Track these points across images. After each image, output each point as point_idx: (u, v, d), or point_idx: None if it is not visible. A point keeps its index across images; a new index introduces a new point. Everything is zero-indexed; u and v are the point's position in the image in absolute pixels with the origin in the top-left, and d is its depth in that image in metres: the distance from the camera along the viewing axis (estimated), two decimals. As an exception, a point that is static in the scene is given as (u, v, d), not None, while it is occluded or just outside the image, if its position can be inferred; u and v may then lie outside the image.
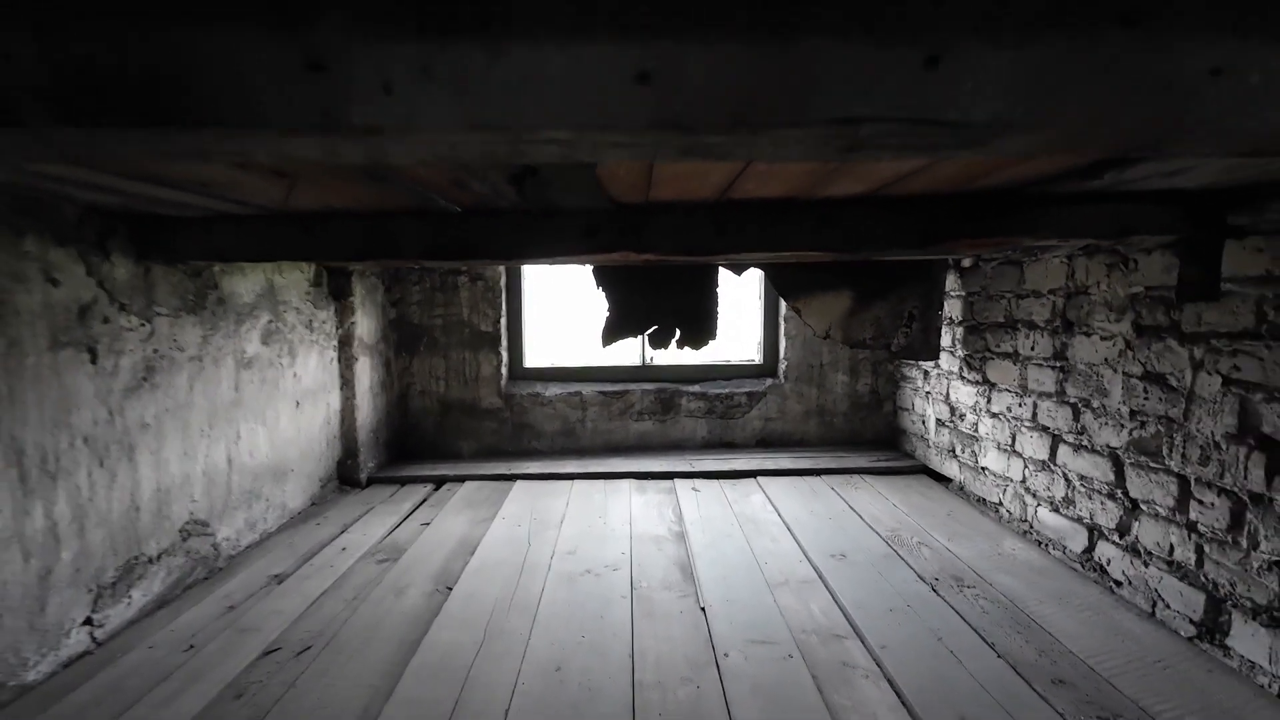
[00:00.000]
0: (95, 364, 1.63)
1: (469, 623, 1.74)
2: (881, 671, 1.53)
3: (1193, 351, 1.63)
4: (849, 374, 3.54)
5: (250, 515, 2.30)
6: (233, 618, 1.79)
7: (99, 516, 1.64)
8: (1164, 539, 1.73)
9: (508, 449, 3.47)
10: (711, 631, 1.71)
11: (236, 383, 2.20)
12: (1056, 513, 2.16)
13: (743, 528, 2.45)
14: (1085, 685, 1.47)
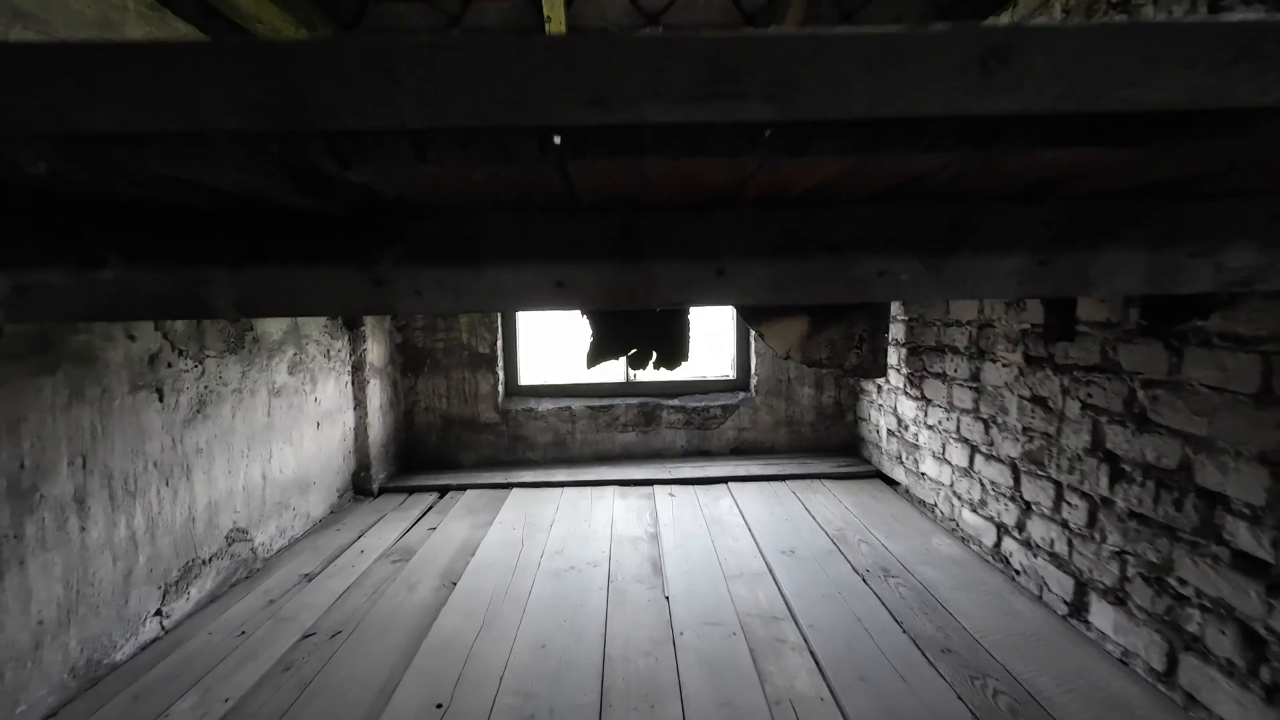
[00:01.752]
0: (162, 401, 1.98)
1: (470, 612, 2.09)
2: (806, 645, 1.88)
3: (1062, 380, 1.99)
4: (814, 387, 3.89)
5: (281, 523, 2.65)
6: (273, 609, 2.15)
7: (165, 526, 2.00)
8: (1047, 534, 2.08)
9: (504, 459, 3.82)
10: (672, 616, 2.06)
11: (269, 409, 2.56)
12: (974, 513, 2.51)
13: (710, 529, 2.81)
14: (968, 654, 1.82)
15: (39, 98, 0.50)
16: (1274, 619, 1.34)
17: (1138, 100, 0.52)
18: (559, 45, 0.51)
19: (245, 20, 2.41)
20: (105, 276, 0.77)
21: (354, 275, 0.78)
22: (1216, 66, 0.52)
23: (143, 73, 0.50)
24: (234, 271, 0.77)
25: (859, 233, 0.79)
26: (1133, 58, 0.52)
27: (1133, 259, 0.81)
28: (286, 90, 0.50)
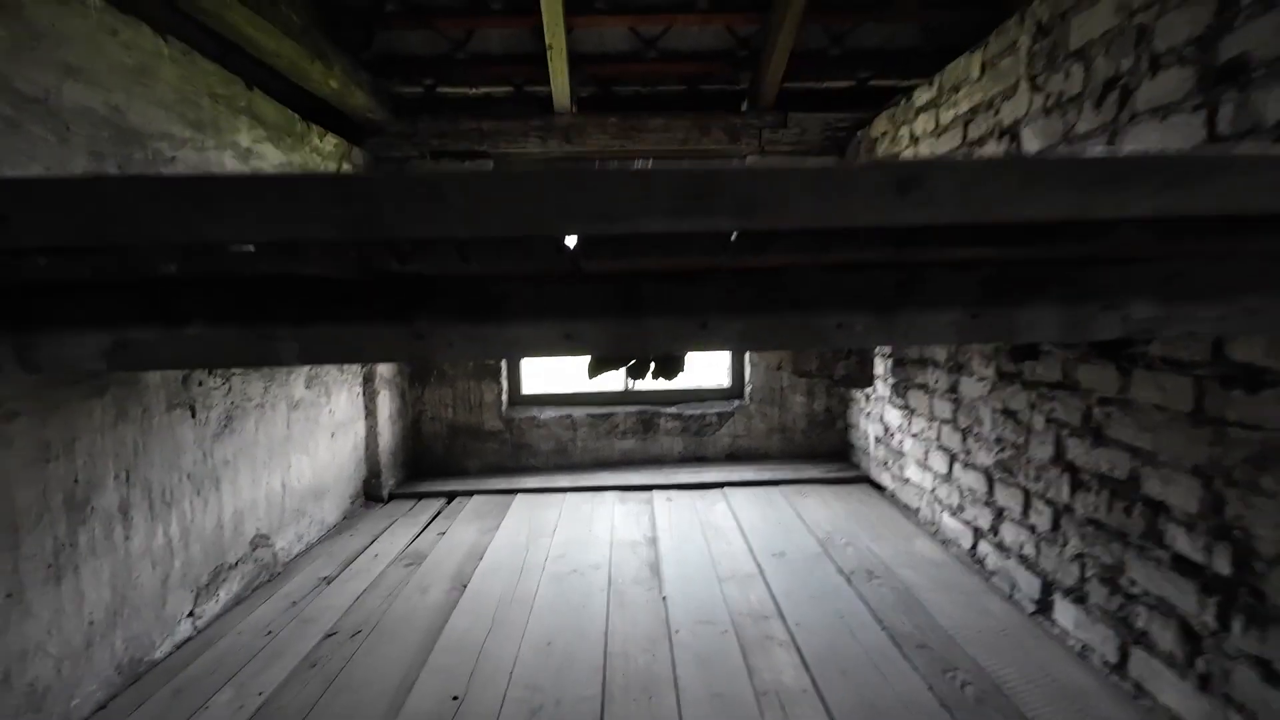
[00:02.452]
0: (194, 418, 2.13)
1: (480, 613, 2.25)
2: (793, 642, 2.04)
3: (1030, 396, 2.14)
4: (806, 395, 4.05)
5: (298, 529, 2.80)
6: (296, 610, 2.30)
7: (197, 534, 2.15)
8: (1017, 538, 2.23)
9: (508, 466, 3.97)
10: (668, 616, 2.22)
11: (288, 421, 2.71)
12: (954, 517, 2.67)
13: (705, 533, 2.96)
14: (942, 649, 1.98)
15: (174, 219, 0.65)
16: (1207, 615, 1.49)
17: (1018, 215, 0.68)
18: (573, 175, 0.66)
19: (264, 55, 2.57)
20: (190, 333, 0.92)
21: (398, 330, 0.93)
22: (1078, 188, 0.67)
23: (258, 199, 0.65)
24: (298, 328, 0.92)
25: (819, 294, 0.94)
26: (1013, 183, 0.67)
27: (1052, 312, 0.97)
28: (365, 212, 0.66)
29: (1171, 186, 0.68)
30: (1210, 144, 1.45)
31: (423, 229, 0.67)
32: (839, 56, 3.66)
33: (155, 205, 0.65)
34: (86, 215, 0.65)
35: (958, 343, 1.09)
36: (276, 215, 0.66)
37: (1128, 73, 1.68)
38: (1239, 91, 1.38)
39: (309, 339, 0.92)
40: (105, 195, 0.65)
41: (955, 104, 2.55)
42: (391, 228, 0.66)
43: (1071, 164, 0.67)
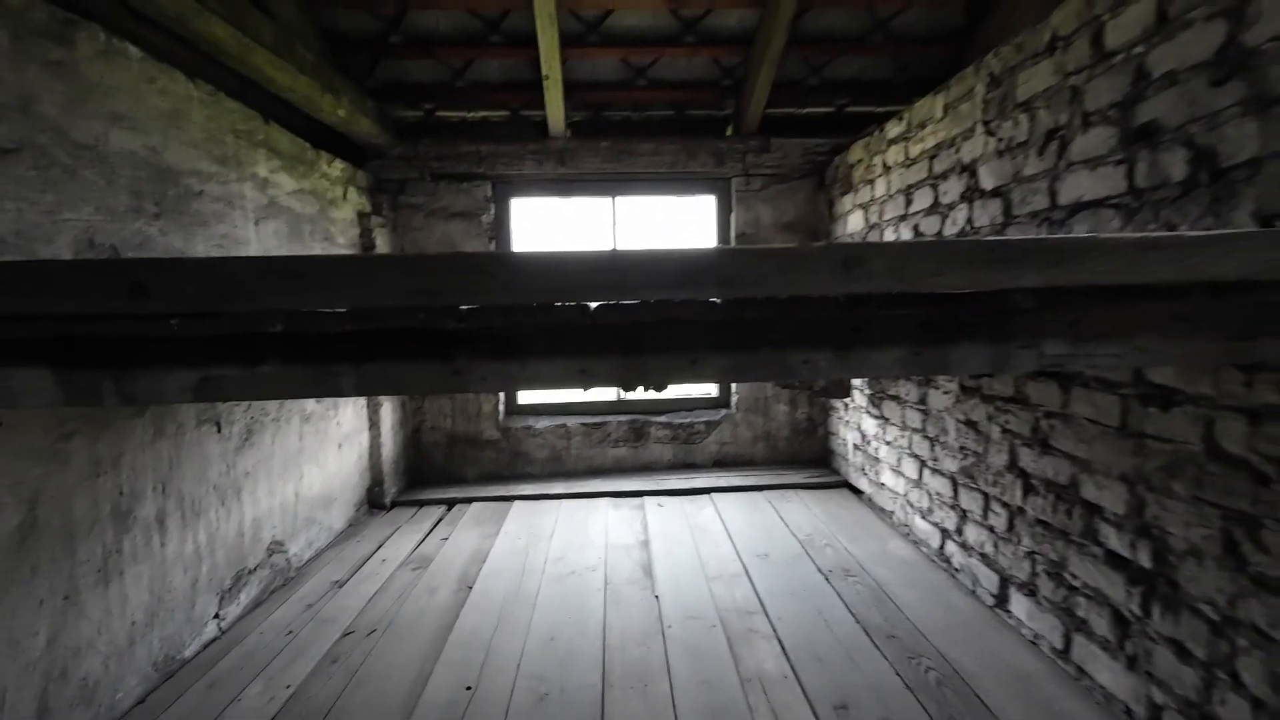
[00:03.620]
0: (220, 433, 2.29)
1: (487, 611, 2.42)
2: (775, 634, 2.23)
3: (988, 408, 2.36)
4: (790, 405, 4.26)
5: (309, 536, 2.96)
6: (313, 612, 2.45)
7: (221, 541, 2.30)
8: (978, 537, 2.45)
9: (505, 474, 4.14)
10: (661, 612, 2.40)
11: (300, 434, 2.87)
12: (924, 519, 2.88)
13: (694, 536, 3.15)
14: (909, 639, 2.18)
15: (280, 292, 0.84)
16: (1133, 604, 1.71)
17: (938, 286, 0.88)
18: (595, 259, 0.86)
19: (281, 90, 2.74)
20: (265, 371, 1.10)
21: (439, 368, 1.12)
22: (982, 266, 0.88)
23: (345, 276, 0.84)
24: (356, 366, 1.10)
25: (788, 336, 1.14)
26: (932, 262, 0.87)
27: (980, 350, 1.17)
28: (424, 285, 0.85)
29: (1053, 265, 0.88)
30: (1128, 193, 1.67)
31: (472, 299, 0.86)
32: (818, 85, 3.89)
33: (265, 281, 0.84)
34: (212, 288, 0.83)
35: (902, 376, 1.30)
36: (357, 288, 0.84)
37: (1065, 126, 1.90)
38: (1151, 151, 1.60)
39: (365, 375, 1.10)
40: (228, 273, 0.83)
41: (922, 139, 2.77)
42: (447, 297, 0.85)
43: (978, 246, 0.88)
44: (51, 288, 0.82)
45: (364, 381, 1.11)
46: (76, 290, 0.81)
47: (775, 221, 4.15)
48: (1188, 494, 1.53)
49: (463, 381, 1.13)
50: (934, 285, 0.88)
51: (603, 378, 1.14)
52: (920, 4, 3.32)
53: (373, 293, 0.84)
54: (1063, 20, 1.90)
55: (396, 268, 0.84)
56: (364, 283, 0.83)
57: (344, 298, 0.84)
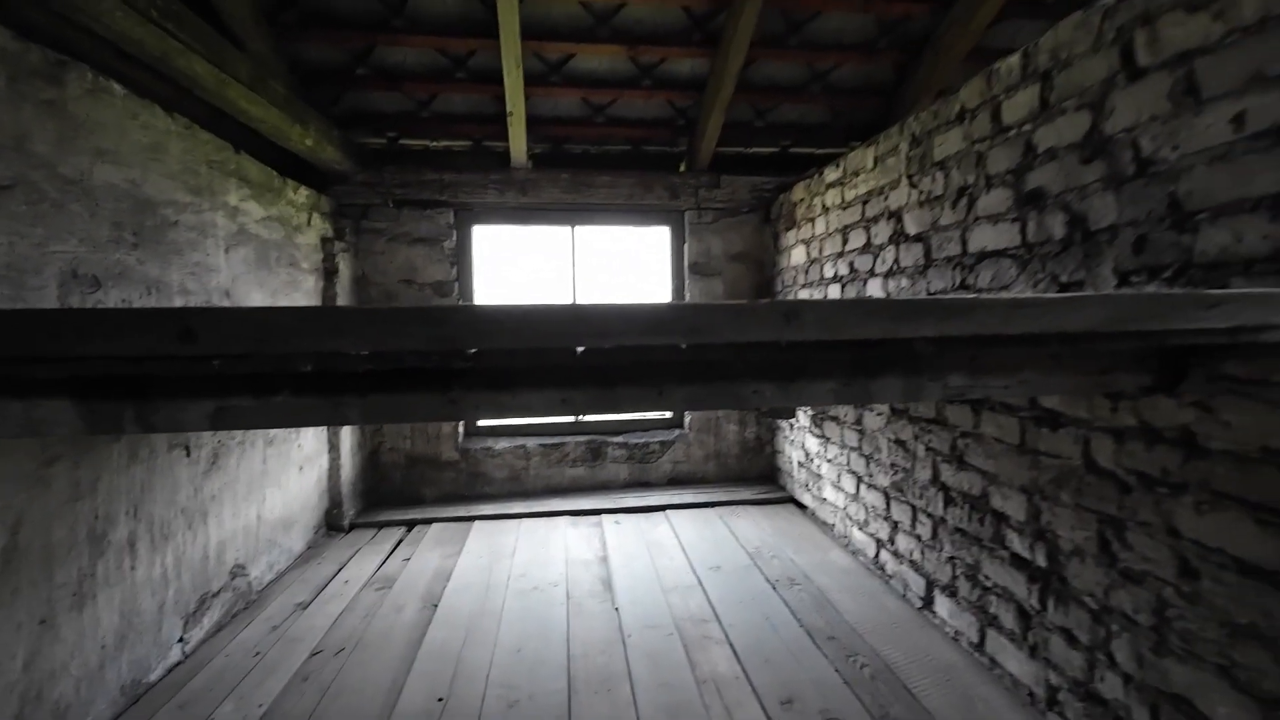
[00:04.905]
0: (189, 457, 2.33)
1: (454, 626, 2.52)
2: (727, 639, 2.42)
3: (914, 429, 2.64)
4: (739, 425, 4.50)
5: (270, 558, 2.98)
6: (279, 633, 2.49)
7: (188, 564, 2.33)
8: (908, 546, 2.71)
9: (465, 494, 4.21)
10: (621, 623, 2.55)
11: (264, 457, 2.90)
12: (861, 531, 3.14)
13: (650, 551, 3.32)
14: (847, 640, 2.40)
15: (310, 337, 0.98)
16: (1033, 599, 1.98)
17: (858, 334, 1.10)
18: (581, 312, 1.04)
19: (253, 122, 2.82)
20: (278, 401, 1.23)
21: (437, 398, 1.26)
22: (892, 320, 1.10)
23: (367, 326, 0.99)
24: (362, 397, 1.24)
25: (742, 371, 1.34)
26: (855, 316, 1.09)
27: (895, 383, 1.41)
28: (442, 332, 1.01)
29: (946, 319, 1.12)
30: (1022, 246, 1.97)
31: (481, 343, 1.02)
32: (764, 127, 4.21)
33: (301, 326, 0.98)
34: (252, 334, 0.97)
35: (835, 404, 1.53)
36: (382, 335, 0.99)
37: (972, 185, 2.21)
38: (1038, 212, 1.90)
39: (370, 405, 1.24)
40: (267, 321, 0.97)
41: (856, 186, 3.08)
42: (462, 344, 1.01)
43: (888, 304, 1.10)
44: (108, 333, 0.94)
45: (369, 411, 1.25)
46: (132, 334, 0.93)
47: (725, 252, 4.42)
48: (1072, 502, 1.81)
49: (458, 410, 1.28)
50: (855, 334, 1.09)
51: (583, 406, 1.31)
52: (854, 60, 3.67)
53: (399, 340, 0.99)
54: (969, 95, 2.21)
55: (417, 317, 0.99)
56: (393, 332, 0.98)
57: (368, 341, 0.99)
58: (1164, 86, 1.50)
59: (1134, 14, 1.57)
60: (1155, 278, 1.54)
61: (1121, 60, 1.61)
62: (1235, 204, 1.35)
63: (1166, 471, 1.52)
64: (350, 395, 1.24)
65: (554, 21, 3.36)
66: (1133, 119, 1.58)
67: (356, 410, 1.24)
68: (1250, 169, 1.32)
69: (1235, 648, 1.37)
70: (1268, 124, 1.28)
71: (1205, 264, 1.42)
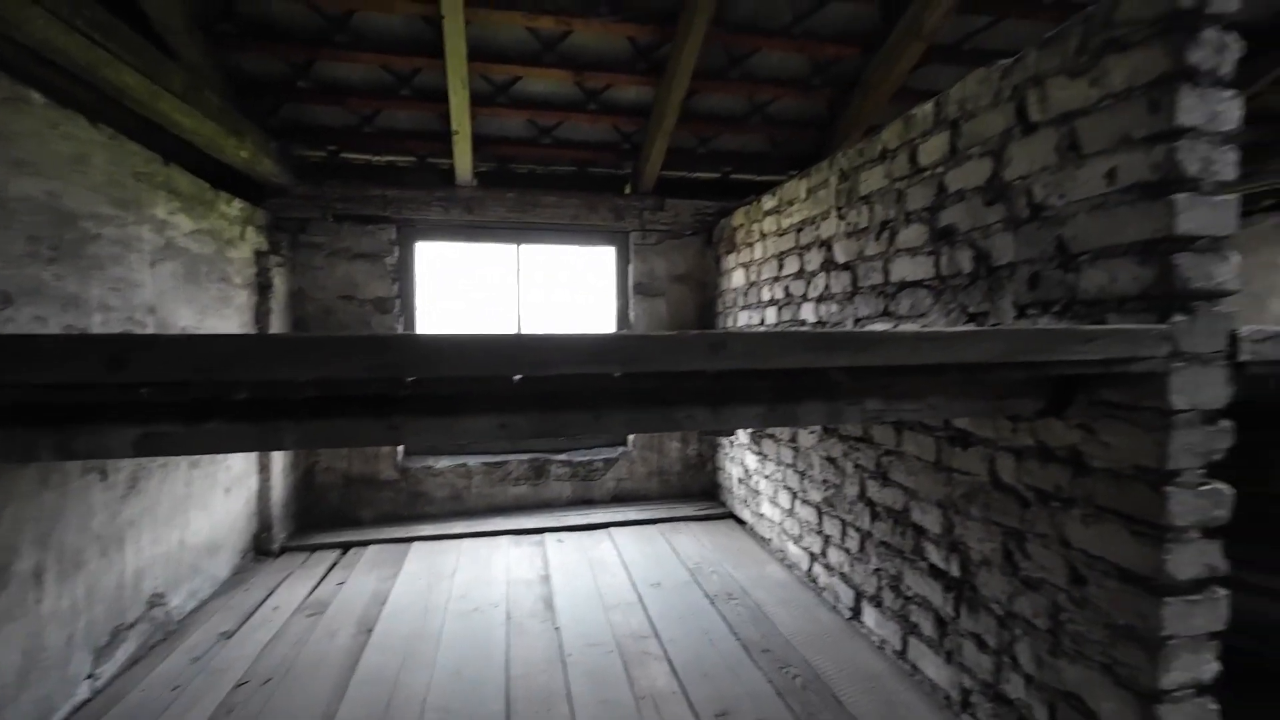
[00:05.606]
0: (105, 481, 2.22)
1: (391, 649, 2.47)
2: (665, 655, 2.46)
3: (843, 447, 2.78)
4: (681, 442, 4.59)
5: (193, 586, 2.84)
6: (200, 665, 2.38)
7: (101, 594, 2.21)
8: (838, 559, 2.84)
9: (404, 514, 4.12)
10: (562, 642, 2.57)
11: (188, 480, 2.78)
12: (796, 545, 3.26)
13: (593, 569, 3.34)
14: (781, 651, 2.49)
15: (250, 365, 0.99)
16: (948, 607, 2.11)
17: (780, 364, 1.19)
18: (521, 342, 1.08)
19: (185, 133, 2.74)
20: (209, 427, 1.21)
21: (377, 424, 1.28)
22: (810, 351, 1.19)
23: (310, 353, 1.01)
24: (298, 423, 1.24)
25: (674, 396, 1.41)
26: (776, 347, 1.18)
27: (818, 407, 1.50)
28: (385, 360, 1.03)
29: (859, 351, 1.22)
30: (936, 278, 2.14)
31: (423, 372, 1.05)
32: (706, 154, 4.36)
33: (240, 355, 0.99)
34: (188, 362, 0.97)
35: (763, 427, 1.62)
36: (324, 363, 1.01)
37: (894, 220, 2.37)
38: (950, 247, 2.07)
39: (307, 431, 1.25)
40: (204, 349, 0.97)
41: (791, 214, 3.24)
42: (405, 371, 1.04)
43: (806, 336, 1.19)
44: (29, 361, 0.92)
45: (305, 437, 1.25)
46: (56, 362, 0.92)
47: (669, 273, 4.53)
48: (980, 515, 1.95)
49: (398, 436, 1.30)
50: (777, 364, 1.18)
51: (522, 432, 1.35)
52: (791, 95, 3.87)
53: (341, 368, 1.01)
54: (890, 136, 2.38)
55: (358, 345, 1.02)
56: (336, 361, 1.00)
57: (314, 369, 1.00)
58: (1052, 141, 1.68)
59: (1027, 75, 1.75)
60: (1047, 311, 1.71)
61: (1017, 115, 1.79)
62: (1110, 248, 1.52)
63: (1059, 487, 1.67)
64: (286, 421, 1.23)
65: (501, 44, 3.40)
66: (1027, 168, 1.76)
67: (292, 437, 1.24)
68: (1122, 218, 1.49)
69: (1116, 647, 1.52)
70: (1135, 180, 1.46)
71: (1087, 300, 1.59)
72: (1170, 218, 1.38)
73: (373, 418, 1.27)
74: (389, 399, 1.27)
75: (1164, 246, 1.40)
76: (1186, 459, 1.40)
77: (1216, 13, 1.38)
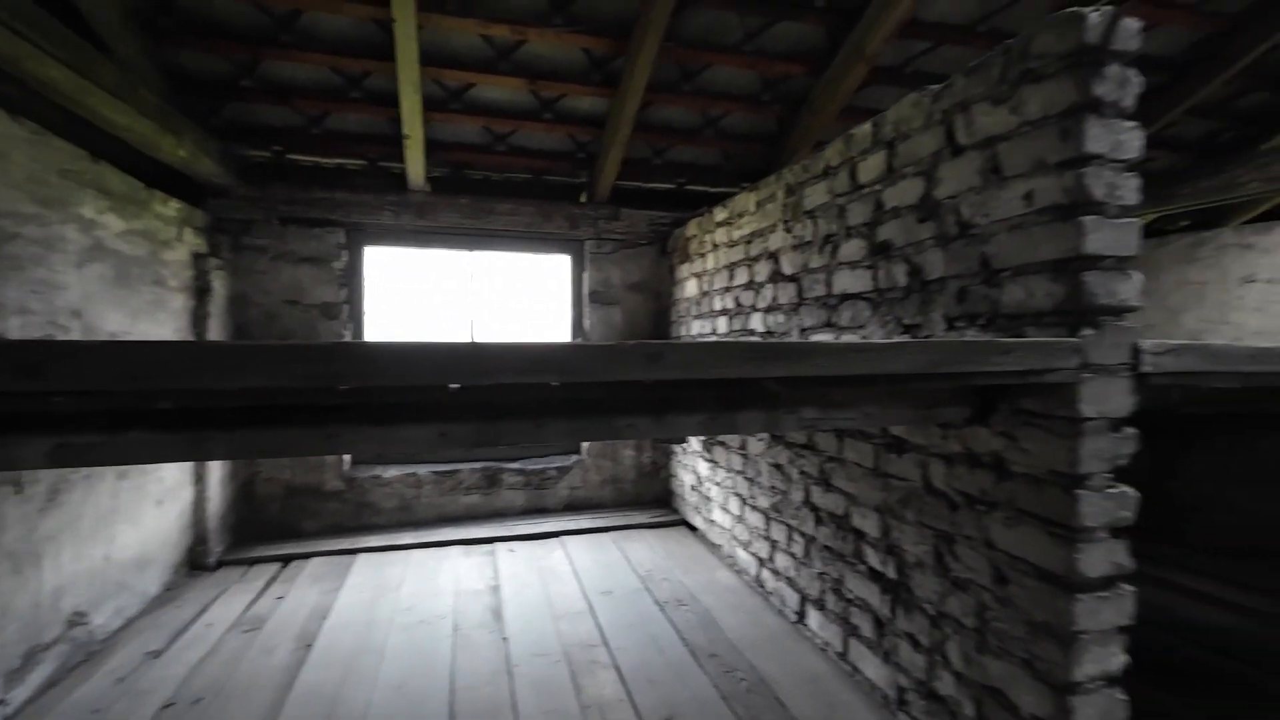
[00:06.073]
0: (20, 494, 2.10)
1: (331, 665, 2.40)
2: (614, 663, 2.47)
3: (789, 454, 2.85)
4: (636, 450, 4.61)
5: (119, 603, 2.70)
6: (125, 687, 2.27)
7: (14, 614, 2.08)
8: (785, 564, 2.90)
9: (349, 525, 4.02)
10: (509, 653, 2.54)
11: (115, 492, 2.65)
12: (745, 550, 3.31)
13: (543, 579, 3.32)
14: (727, 656, 2.53)
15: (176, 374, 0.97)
16: (885, 608, 2.19)
17: (716, 374, 1.22)
18: (459, 351, 1.09)
19: (118, 130, 2.64)
20: (131, 437, 1.17)
21: (313, 433, 1.25)
22: (745, 362, 1.23)
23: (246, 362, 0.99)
24: (228, 433, 1.21)
25: (616, 405, 1.43)
26: (714, 356, 1.21)
27: (757, 416, 1.55)
28: (318, 370, 1.02)
29: (792, 361, 1.26)
30: (874, 291, 2.22)
31: (359, 381, 1.05)
32: (661, 165, 4.42)
33: (166, 364, 0.96)
34: (108, 370, 0.94)
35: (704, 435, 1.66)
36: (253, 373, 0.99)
37: (836, 234, 2.46)
38: (887, 262, 2.16)
39: (237, 441, 1.22)
40: (127, 357, 0.95)
41: (741, 226, 3.32)
42: (339, 381, 1.03)
43: (741, 347, 1.23)
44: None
45: (236, 447, 1.22)
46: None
47: (624, 282, 4.56)
48: (914, 519, 2.03)
49: (336, 445, 1.28)
50: (714, 374, 1.21)
51: (463, 440, 1.35)
52: (742, 110, 3.96)
53: (270, 376, 0.99)
54: (832, 154, 2.47)
55: (294, 353, 1.00)
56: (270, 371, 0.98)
57: (244, 377, 0.98)
58: (977, 164, 1.78)
59: (954, 100, 1.85)
60: (973, 324, 1.80)
61: (946, 138, 1.89)
62: (1028, 266, 1.62)
63: (984, 491, 1.76)
64: (214, 431, 1.20)
65: (454, 50, 3.39)
66: (955, 188, 1.85)
67: (222, 447, 1.21)
68: (1038, 238, 1.59)
69: (1035, 643, 1.60)
70: (1049, 202, 1.56)
71: (1008, 314, 1.68)
72: (1079, 238, 1.48)
73: (309, 427, 1.25)
74: (326, 408, 1.25)
75: (1074, 265, 1.50)
76: (1095, 464, 1.50)
77: (1119, 50, 1.49)
